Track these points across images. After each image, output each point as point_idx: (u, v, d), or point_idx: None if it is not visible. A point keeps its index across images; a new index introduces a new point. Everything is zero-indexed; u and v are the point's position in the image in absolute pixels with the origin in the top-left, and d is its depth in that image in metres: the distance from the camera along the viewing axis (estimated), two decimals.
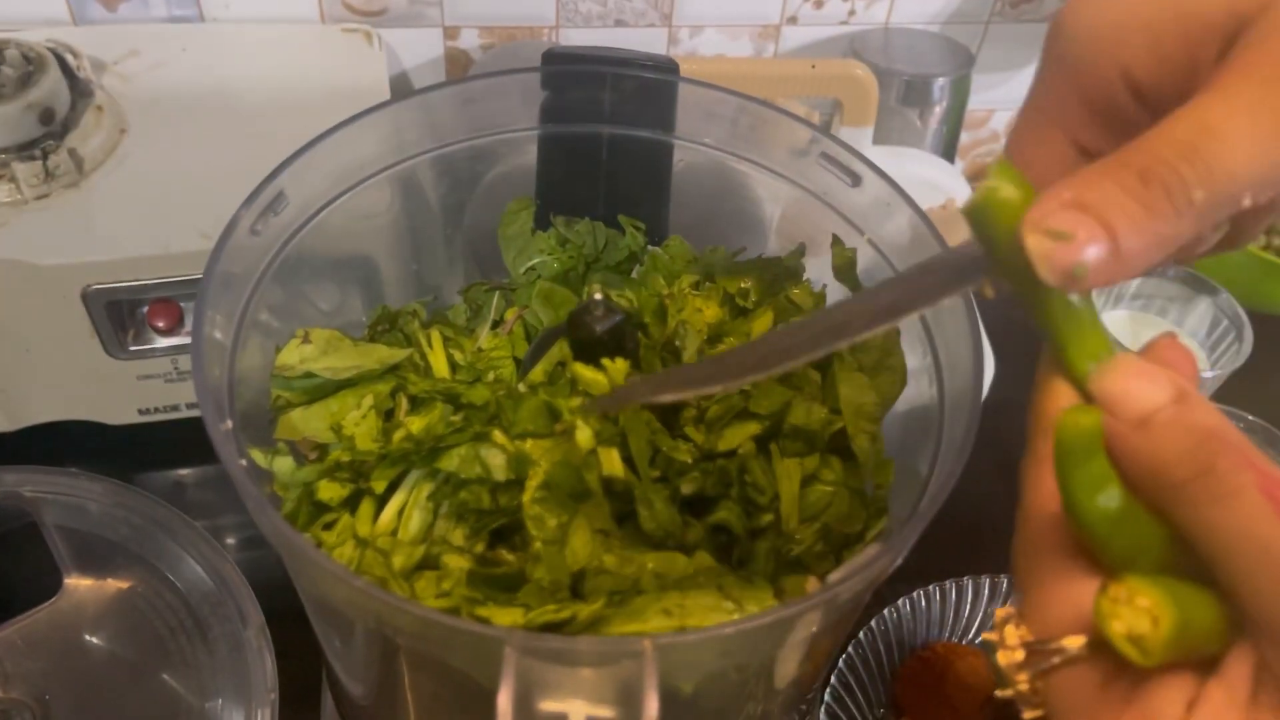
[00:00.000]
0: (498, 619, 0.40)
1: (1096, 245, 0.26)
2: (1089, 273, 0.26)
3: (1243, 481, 0.25)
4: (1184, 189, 0.26)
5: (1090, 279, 0.27)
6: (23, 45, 0.67)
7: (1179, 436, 0.27)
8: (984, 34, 0.96)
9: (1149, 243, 0.26)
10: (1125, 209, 0.26)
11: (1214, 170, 0.26)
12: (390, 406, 0.47)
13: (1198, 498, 0.26)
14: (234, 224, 0.44)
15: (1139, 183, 0.26)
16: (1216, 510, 0.26)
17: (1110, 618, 0.26)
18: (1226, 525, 0.25)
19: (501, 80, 0.54)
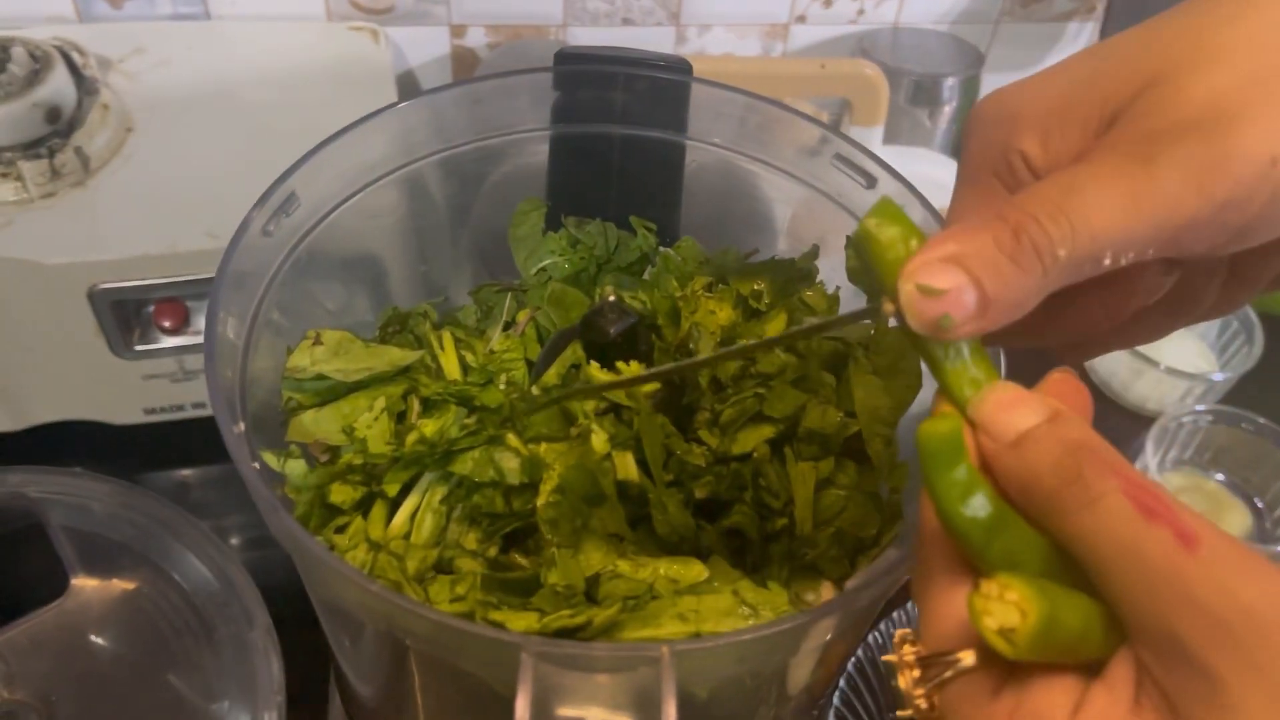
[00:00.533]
0: (512, 624, 0.40)
1: (965, 301, 0.29)
2: (955, 325, 0.29)
3: (1108, 486, 0.27)
4: (1050, 247, 0.29)
5: (956, 331, 0.29)
6: (29, 43, 0.67)
7: (1049, 449, 0.28)
8: (993, 33, 0.96)
9: (1015, 298, 0.29)
10: (998, 266, 0.29)
11: (1077, 229, 0.29)
12: (402, 409, 0.47)
13: (1067, 505, 0.27)
14: (246, 225, 0.44)
15: (1012, 239, 0.29)
16: (1084, 516, 0.27)
17: (982, 614, 0.27)
18: (1094, 529, 0.27)
19: (512, 80, 0.54)
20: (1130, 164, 0.29)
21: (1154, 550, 0.25)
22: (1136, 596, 0.26)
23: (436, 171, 0.55)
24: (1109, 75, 0.32)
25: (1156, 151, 0.29)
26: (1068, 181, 0.29)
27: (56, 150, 0.65)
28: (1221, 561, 0.25)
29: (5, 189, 0.64)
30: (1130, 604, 0.26)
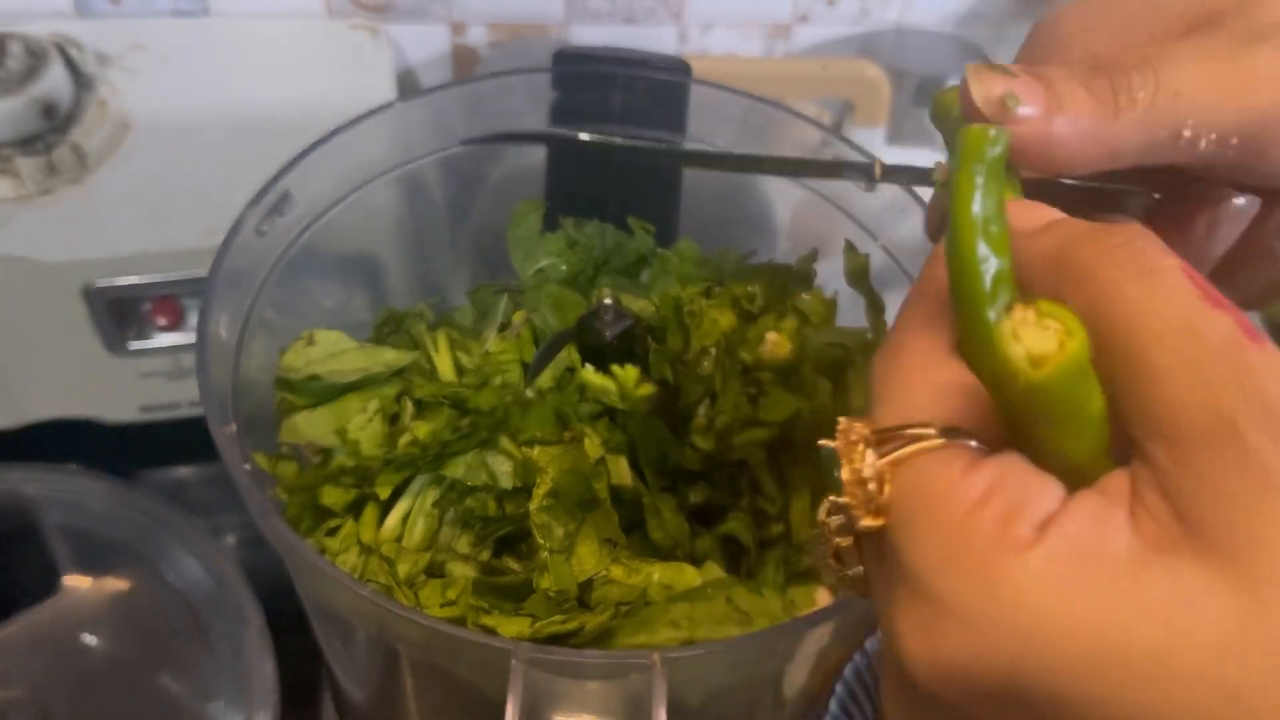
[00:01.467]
0: (503, 629, 0.40)
1: (1034, 92, 0.27)
2: (1018, 110, 0.27)
3: (1166, 263, 0.23)
4: (1128, 87, 0.27)
5: (1018, 120, 0.27)
6: (26, 38, 0.67)
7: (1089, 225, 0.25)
8: (998, 35, 0.95)
9: (1082, 121, 0.27)
10: (1072, 87, 0.28)
11: (1161, 79, 0.27)
12: (396, 410, 0.47)
13: (1116, 272, 0.23)
14: (240, 223, 0.43)
15: (1088, 73, 0.28)
16: (1135, 287, 0.23)
17: (1010, 337, 0.22)
18: (1145, 303, 0.22)
19: (511, 80, 0.53)
20: (1231, 42, 0.28)
21: (1215, 334, 0.22)
22: (1184, 380, 0.22)
23: (434, 171, 0.54)
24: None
25: (1263, 35, 0.28)
26: (1159, 48, 0.28)
27: (53, 147, 0.65)
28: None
29: (2, 186, 0.64)
30: (1172, 389, 0.22)
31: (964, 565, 0.22)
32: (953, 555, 0.22)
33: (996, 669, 0.21)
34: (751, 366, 0.49)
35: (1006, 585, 0.21)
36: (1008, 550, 0.22)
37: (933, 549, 0.22)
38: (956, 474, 0.23)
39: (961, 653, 0.22)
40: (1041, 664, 0.21)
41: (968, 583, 0.22)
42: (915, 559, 0.23)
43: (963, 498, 0.22)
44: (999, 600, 0.21)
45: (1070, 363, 0.22)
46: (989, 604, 0.21)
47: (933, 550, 0.22)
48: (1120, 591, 0.21)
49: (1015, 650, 0.21)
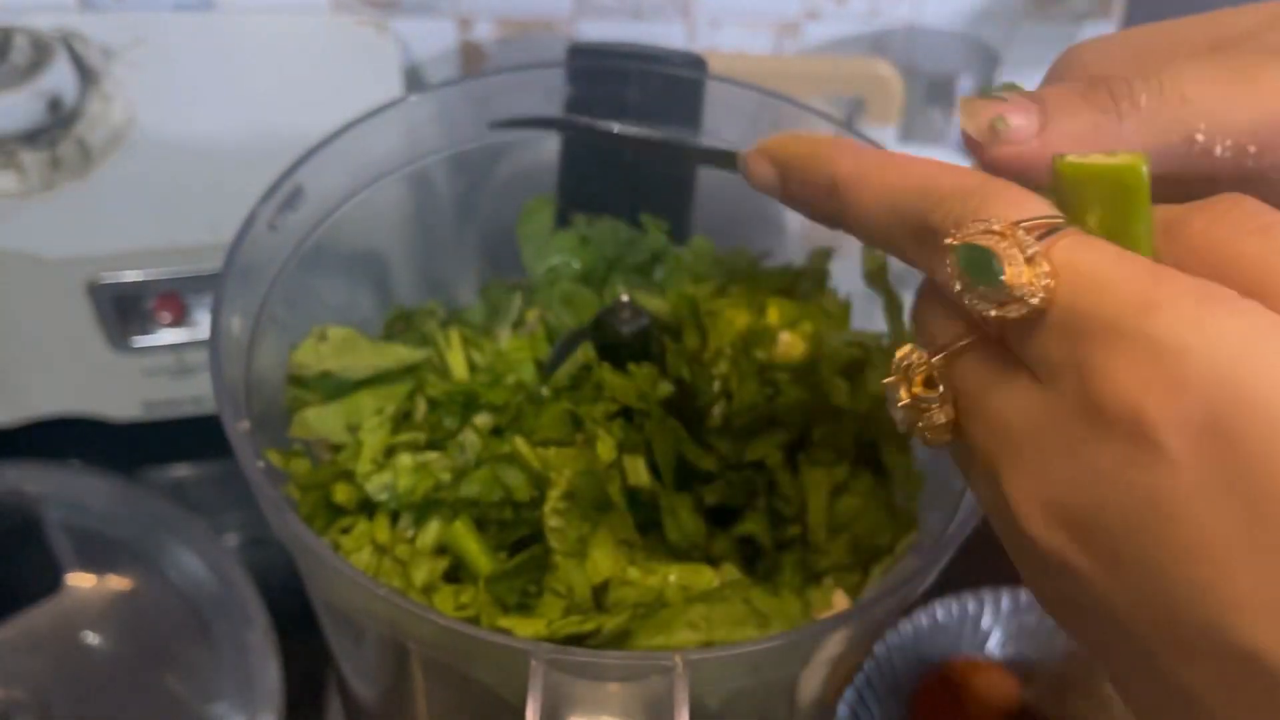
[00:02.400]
0: (520, 630, 0.39)
1: (1025, 113, 0.28)
2: (1008, 130, 0.27)
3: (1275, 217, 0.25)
4: (1130, 92, 0.28)
5: (1010, 138, 0.27)
6: (31, 32, 0.66)
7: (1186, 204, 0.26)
8: (1010, 34, 0.95)
9: (1081, 128, 0.28)
10: (1069, 99, 0.28)
11: (1165, 85, 0.27)
12: (408, 409, 0.46)
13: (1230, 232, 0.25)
14: (252, 219, 0.43)
15: (1089, 85, 0.28)
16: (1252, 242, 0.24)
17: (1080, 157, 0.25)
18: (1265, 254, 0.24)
19: (524, 75, 0.53)
20: (1242, 55, 0.28)
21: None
22: None
23: (445, 167, 0.54)
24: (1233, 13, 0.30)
25: (1271, 54, 0.28)
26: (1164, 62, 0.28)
27: (58, 141, 0.64)
28: None
29: (5, 180, 0.63)
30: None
31: (1179, 303, 0.22)
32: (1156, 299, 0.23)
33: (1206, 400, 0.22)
34: (767, 366, 0.48)
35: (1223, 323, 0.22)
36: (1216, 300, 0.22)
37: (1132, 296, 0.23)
38: (1114, 254, 0.24)
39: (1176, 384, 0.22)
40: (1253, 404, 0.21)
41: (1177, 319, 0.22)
42: (1112, 311, 0.23)
43: (1141, 266, 0.23)
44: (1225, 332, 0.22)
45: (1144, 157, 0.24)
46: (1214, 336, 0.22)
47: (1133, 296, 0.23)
48: None
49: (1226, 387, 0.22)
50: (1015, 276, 0.24)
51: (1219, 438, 0.21)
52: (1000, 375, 0.26)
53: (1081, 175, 0.25)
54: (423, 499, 0.43)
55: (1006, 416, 0.25)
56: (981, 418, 0.26)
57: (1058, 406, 0.24)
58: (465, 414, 0.46)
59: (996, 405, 0.26)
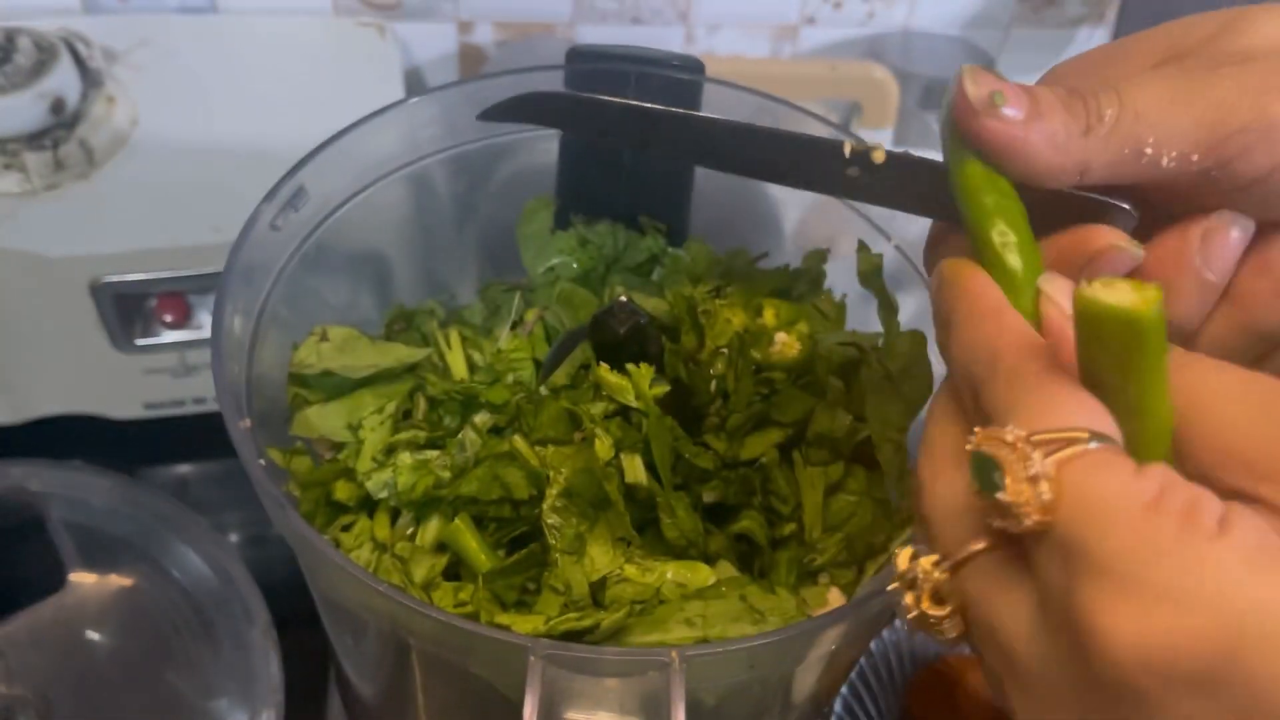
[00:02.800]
0: (518, 626, 0.40)
1: (1018, 95, 0.30)
2: (1004, 107, 0.30)
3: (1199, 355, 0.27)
4: (1098, 107, 0.30)
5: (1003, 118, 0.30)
6: (35, 34, 0.66)
7: None
8: (1005, 38, 0.95)
9: (1057, 129, 0.30)
10: (1050, 101, 0.30)
11: (1124, 101, 0.30)
12: (408, 407, 0.47)
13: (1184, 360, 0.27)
14: (255, 219, 0.43)
15: (1066, 93, 0.31)
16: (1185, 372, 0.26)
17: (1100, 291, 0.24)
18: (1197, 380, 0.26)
19: (523, 78, 0.53)
20: (1189, 69, 0.31)
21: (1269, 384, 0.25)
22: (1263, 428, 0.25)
23: (445, 168, 0.54)
24: (1187, 23, 0.33)
25: (1223, 63, 0.30)
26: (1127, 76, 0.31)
27: (61, 142, 0.65)
28: None
29: (9, 180, 0.64)
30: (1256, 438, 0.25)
31: (1168, 550, 0.23)
32: (1152, 542, 0.23)
33: (1209, 646, 0.22)
34: (763, 366, 0.49)
35: (1214, 568, 0.22)
36: (1204, 539, 0.23)
37: (1128, 539, 0.23)
38: (1128, 474, 0.24)
39: (1174, 633, 0.22)
40: (1259, 638, 0.22)
41: (1174, 566, 0.23)
42: (1109, 549, 0.23)
43: (1141, 493, 0.23)
44: (1210, 580, 0.22)
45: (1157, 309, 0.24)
46: (1200, 584, 0.22)
47: (1129, 540, 0.23)
48: None
49: (1231, 627, 0.22)
50: (1015, 494, 0.24)
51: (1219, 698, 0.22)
52: (1008, 587, 0.26)
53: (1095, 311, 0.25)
54: (422, 497, 0.44)
55: (1011, 644, 0.26)
56: (989, 638, 0.27)
57: (1057, 644, 0.24)
58: (465, 413, 0.46)
59: (1002, 627, 0.26)
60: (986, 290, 0.30)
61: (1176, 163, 0.30)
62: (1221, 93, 0.30)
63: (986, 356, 0.28)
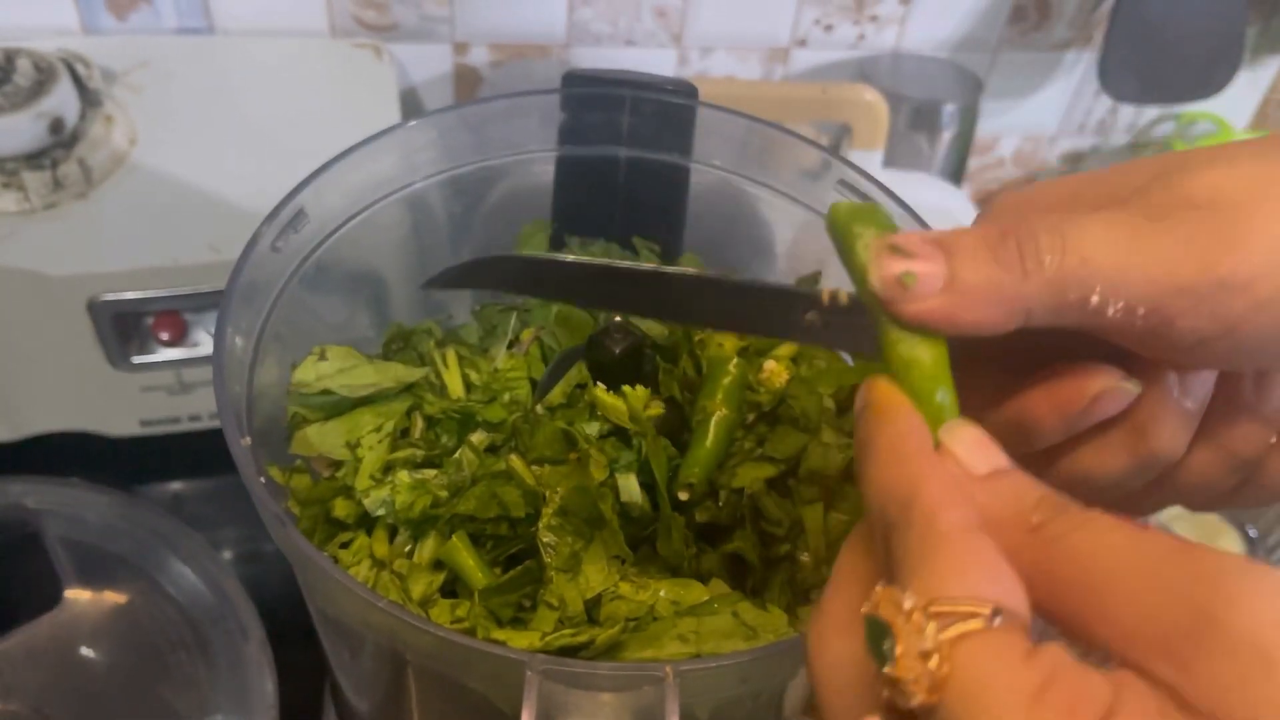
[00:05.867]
0: (514, 642, 0.40)
1: (933, 267, 0.28)
2: (917, 288, 0.28)
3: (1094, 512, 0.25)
4: (1036, 251, 0.28)
5: (918, 295, 0.28)
6: (34, 55, 0.67)
7: (1032, 488, 0.26)
8: (993, 61, 0.97)
9: (987, 285, 0.28)
10: (976, 253, 0.28)
11: (1068, 244, 0.28)
12: (406, 425, 0.47)
13: (1056, 529, 0.25)
14: (255, 240, 0.44)
15: (998, 237, 0.28)
16: (1075, 536, 0.24)
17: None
18: (1090, 546, 0.24)
19: (520, 101, 0.54)
20: (1137, 215, 0.29)
21: (1158, 546, 0.23)
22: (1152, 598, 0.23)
23: (442, 190, 0.55)
24: (1123, 170, 0.31)
25: (1165, 214, 0.28)
26: (1071, 215, 0.29)
27: (60, 162, 0.65)
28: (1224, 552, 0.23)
29: (8, 199, 0.64)
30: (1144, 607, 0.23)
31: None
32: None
33: None
34: (754, 388, 0.49)
35: None
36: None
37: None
38: (1017, 659, 0.23)
39: None
40: None
41: None
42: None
43: (1026, 684, 0.22)
44: None
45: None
46: None
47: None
48: None
49: None
50: (905, 670, 0.23)
51: None
52: None
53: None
54: (420, 515, 0.44)
55: None
56: None
57: None
58: (462, 431, 0.47)
59: None
60: (914, 428, 0.28)
61: (1123, 314, 0.28)
62: (1166, 243, 0.28)
63: (902, 500, 0.26)
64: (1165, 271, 0.28)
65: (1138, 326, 0.28)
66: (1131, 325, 0.28)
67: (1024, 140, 1.05)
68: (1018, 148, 1.06)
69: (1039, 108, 1.02)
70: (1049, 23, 0.95)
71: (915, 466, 0.27)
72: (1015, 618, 0.24)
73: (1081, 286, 0.28)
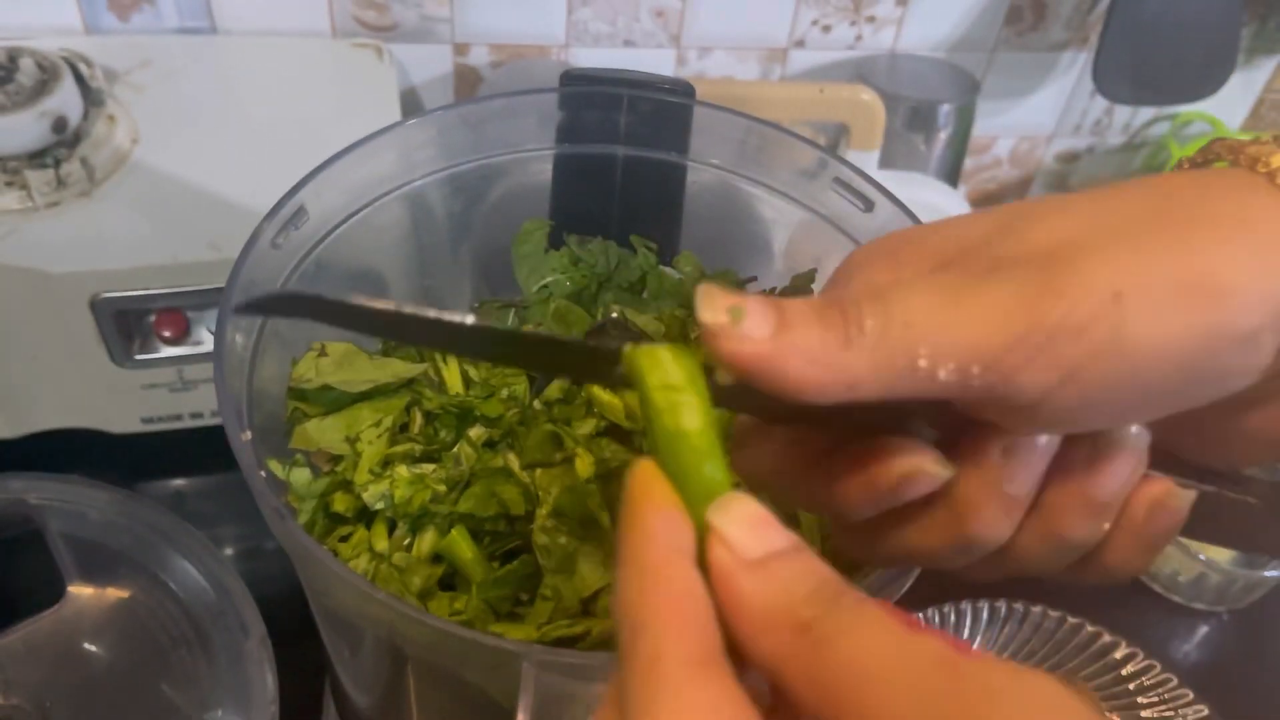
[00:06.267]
0: (511, 633, 0.41)
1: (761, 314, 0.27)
2: (744, 321, 0.27)
3: (870, 609, 0.23)
4: (859, 315, 0.27)
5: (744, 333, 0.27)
6: (37, 54, 0.68)
7: (806, 575, 0.24)
8: (989, 62, 0.97)
9: (810, 342, 0.27)
10: (803, 314, 0.27)
11: (891, 309, 0.27)
12: (405, 421, 0.48)
13: (828, 633, 0.23)
14: (256, 237, 0.44)
15: (823, 303, 0.28)
16: (843, 641, 0.23)
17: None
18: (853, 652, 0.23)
19: (518, 100, 0.55)
20: (962, 273, 0.28)
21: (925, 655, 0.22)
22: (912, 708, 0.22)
23: (441, 188, 0.55)
24: (959, 223, 0.31)
25: (991, 269, 0.28)
26: (895, 281, 0.28)
27: (62, 160, 0.66)
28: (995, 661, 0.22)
29: (11, 198, 0.65)
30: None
31: None
32: None
33: None
34: None
35: None
36: None
37: None
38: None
39: None
40: None
41: None
42: None
43: None
44: None
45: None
46: None
47: None
48: None
49: None
50: None
51: None
52: None
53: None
54: (419, 510, 0.45)
55: None
56: None
57: None
58: (460, 426, 0.47)
59: None
60: (662, 528, 0.25)
61: (956, 376, 0.27)
62: (995, 298, 0.27)
63: (633, 625, 0.24)
64: (993, 327, 0.27)
65: (976, 387, 0.27)
66: (969, 386, 0.27)
67: (1020, 140, 1.06)
68: (1014, 148, 1.06)
69: (1035, 108, 1.02)
70: (1045, 24, 0.95)
71: (650, 582, 0.25)
72: None
73: (907, 351, 0.27)
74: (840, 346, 0.27)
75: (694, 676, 0.23)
